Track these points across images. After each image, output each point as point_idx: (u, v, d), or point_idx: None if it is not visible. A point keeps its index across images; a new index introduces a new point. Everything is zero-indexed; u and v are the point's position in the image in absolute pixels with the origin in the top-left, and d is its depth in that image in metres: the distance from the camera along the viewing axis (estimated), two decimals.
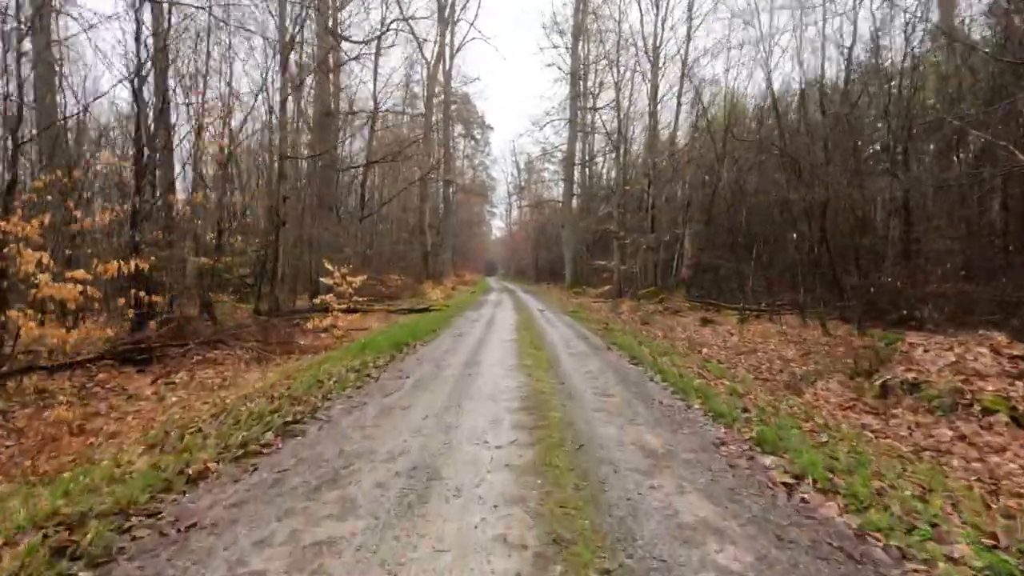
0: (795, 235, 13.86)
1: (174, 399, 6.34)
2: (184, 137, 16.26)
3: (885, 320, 12.19)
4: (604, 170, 35.36)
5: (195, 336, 9.60)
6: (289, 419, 4.49)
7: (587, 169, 33.98)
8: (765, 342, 10.34)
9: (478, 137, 48.00)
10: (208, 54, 13.09)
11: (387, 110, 20.51)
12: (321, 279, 11.27)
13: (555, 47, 29.12)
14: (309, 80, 17.52)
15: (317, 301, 11.16)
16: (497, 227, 72.80)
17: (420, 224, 30.57)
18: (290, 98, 22.64)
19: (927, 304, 9.91)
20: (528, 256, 49.76)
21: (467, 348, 8.36)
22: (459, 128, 43.94)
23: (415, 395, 5.30)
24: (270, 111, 14.63)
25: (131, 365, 7.32)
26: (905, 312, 10.55)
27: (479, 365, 6.81)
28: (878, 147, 15.82)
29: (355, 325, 14.45)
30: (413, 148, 22.32)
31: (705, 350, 9.96)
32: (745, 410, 4.91)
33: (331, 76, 18.00)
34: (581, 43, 29.45)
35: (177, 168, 14.15)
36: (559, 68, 28.63)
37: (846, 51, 16.76)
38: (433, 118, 30.93)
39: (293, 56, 18.57)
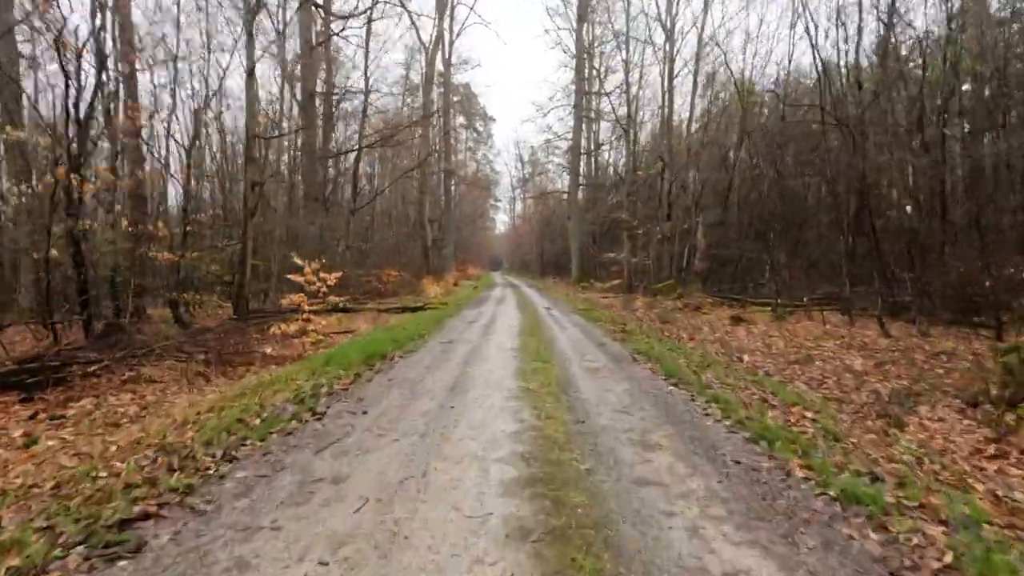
0: (839, 217, 11.90)
1: (50, 443, 4.54)
2: (155, 116, 14.50)
3: (943, 318, 10.29)
4: (610, 160, 33.36)
5: (137, 346, 7.83)
6: (139, 510, 2.66)
7: (593, 159, 31.99)
8: (818, 347, 8.44)
9: (480, 129, 46.10)
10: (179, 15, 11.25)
11: (378, 91, 18.63)
12: (289, 276, 9.49)
13: (559, 29, 27.08)
14: (293, 59, 15.66)
15: (285, 302, 9.36)
16: (502, 221, 70.99)
17: (420, 217, 28.72)
18: (275, 79, 20.75)
19: (1020, 298, 7.96)
20: (532, 250, 47.86)
21: (457, 362, 6.52)
22: (460, 120, 42.04)
23: (363, 450, 3.47)
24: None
25: (17, 391, 5.54)
26: (984, 307, 8.62)
27: (467, 392, 4.97)
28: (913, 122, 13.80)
29: (338, 327, 12.68)
30: (411, 137, 20.44)
31: (747, 357, 8.08)
32: (875, 479, 3.04)
33: (316, 54, 16.12)
34: (586, 26, 27.38)
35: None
36: (563, 51, 26.64)
37: (884, 17, 14.73)
38: (434, 108, 29.03)
39: (279, 32, 16.74)
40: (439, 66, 29.96)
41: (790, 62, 17.86)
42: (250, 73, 10.67)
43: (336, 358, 6.78)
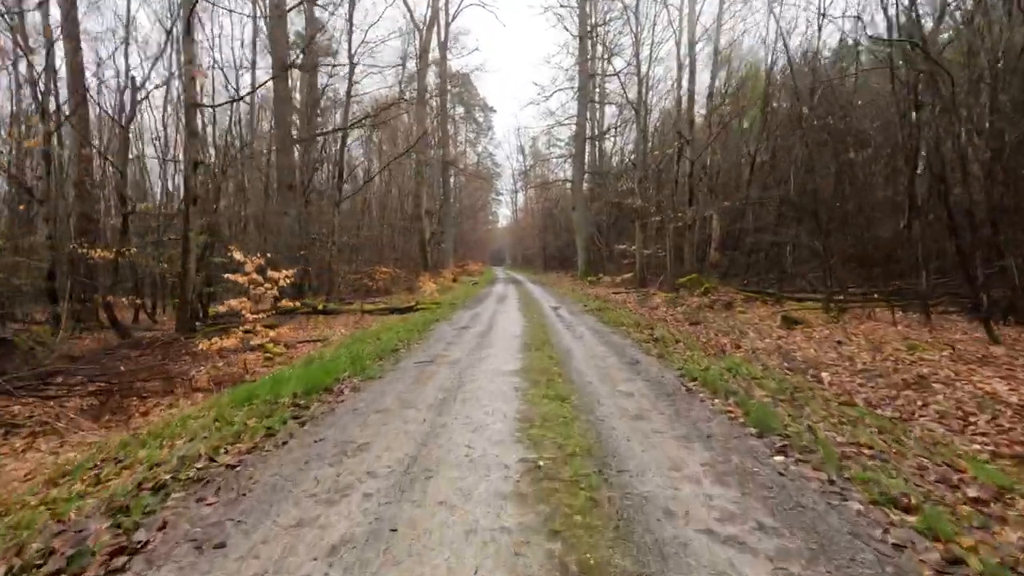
0: (910, 190, 9.59)
1: None
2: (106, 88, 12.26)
3: None
4: (616, 147, 30.99)
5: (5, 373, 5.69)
6: None
7: (597, 146, 29.63)
8: (919, 360, 6.21)
9: (480, 120, 43.70)
10: None
11: (360, 63, 16.30)
12: (227, 275, 7.31)
13: (562, 7, 24.68)
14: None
15: (222, 308, 7.19)
16: (504, 216, 68.62)
17: (416, 210, 26.49)
18: (245, 46, 18.34)
19: None
20: (535, 244, 45.55)
21: (430, 401, 4.33)
22: (460, 110, 39.70)
23: None
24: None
25: None
26: None
27: (432, 478, 2.76)
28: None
29: (309, 335, 10.57)
30: (400, 116, 18.16)
31: (827, 376, 5.88)
32: None
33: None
34: (589, 3, 24.95)
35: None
36: (565, 28, 24.28)
37: None
38: (428, 93, 26.68)
39: None
40: (435, 52, 27.67)
41: (820, 28, 15.51)
42: (187, 30, 8.45)
43: (263, 391, 4.63)
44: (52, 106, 11.21)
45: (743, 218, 17.61)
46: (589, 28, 24.65)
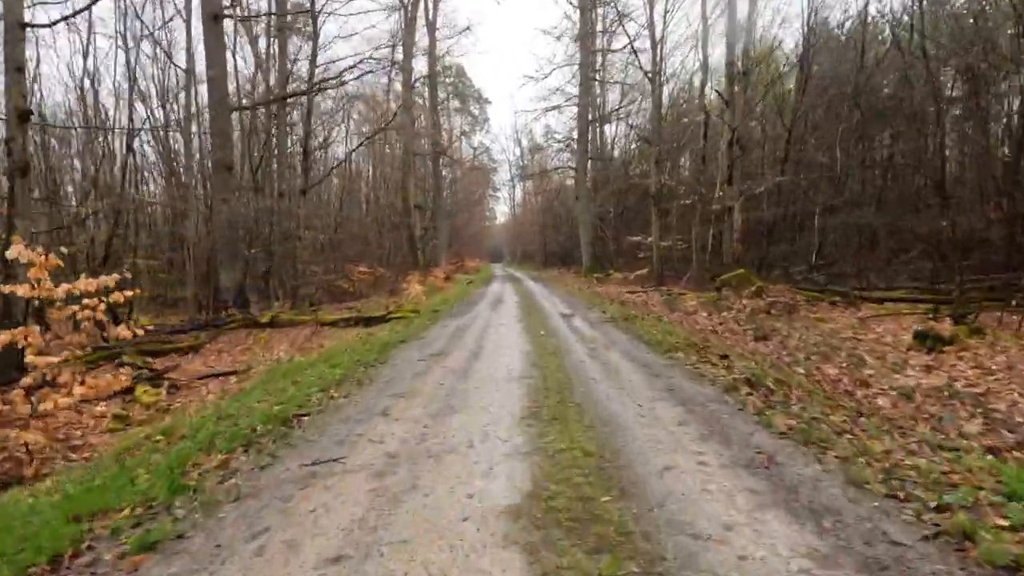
0: None
1: None
2: None
3: None
4: (622, 133, 27.71)
5: None
6: None
7: (600, 131, 26.31)
8: None
9: (475, 112, 40.29)
10: None
11: (329, 13, 13.00)
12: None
13: None
14: None
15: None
16: (501, 212, 65.12)
17: (404, 203, 23.22)
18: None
19: None
20: (535, 239, 42.19)
21: None
22: (455, 103, 36.30)
23: None
24: None
25: None
26: None
27: None
28: None
29: (236, 360, 7.48)
30: (385, 101, 14.96)
31: None
32: None
33: None
34: None
35: None
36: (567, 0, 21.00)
37: None
38: (415, 77, 23.38)
39: None
40: (424, 29, 24.34)
41: None
42: None
43: None
44: None
45: (779, 202, 14.44)
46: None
